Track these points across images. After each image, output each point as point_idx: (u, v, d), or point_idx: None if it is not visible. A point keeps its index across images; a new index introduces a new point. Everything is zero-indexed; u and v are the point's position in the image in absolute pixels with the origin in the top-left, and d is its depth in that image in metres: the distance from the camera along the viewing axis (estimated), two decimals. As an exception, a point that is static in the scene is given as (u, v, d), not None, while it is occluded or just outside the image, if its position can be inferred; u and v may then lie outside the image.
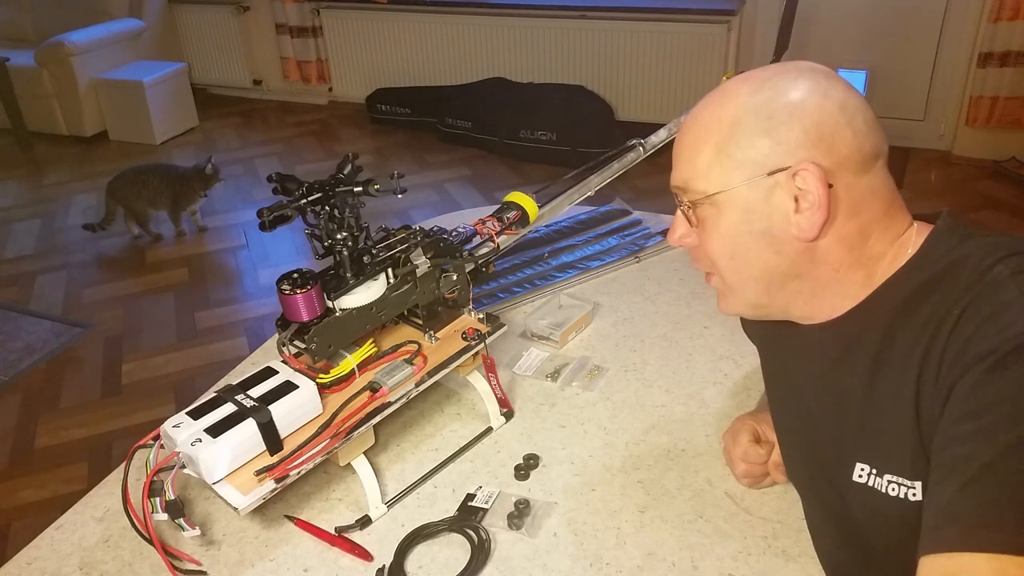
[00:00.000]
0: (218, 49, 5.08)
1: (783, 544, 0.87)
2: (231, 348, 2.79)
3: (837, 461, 0.73)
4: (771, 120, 0.67)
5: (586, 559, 0.86)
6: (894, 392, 0.66)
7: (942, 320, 0.63)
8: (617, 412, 1.08)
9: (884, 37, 3.64)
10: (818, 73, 0.69)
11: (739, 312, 0.79)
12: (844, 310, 0.72)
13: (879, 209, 0.69)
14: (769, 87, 0.69)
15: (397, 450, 1.04)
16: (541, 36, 4.24)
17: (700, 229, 0.74)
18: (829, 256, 0.70)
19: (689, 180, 0.73)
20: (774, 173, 0.68)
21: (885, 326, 0.68)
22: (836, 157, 0.67)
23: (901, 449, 0.66)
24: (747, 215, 0.70)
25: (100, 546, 0.92)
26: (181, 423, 0.87)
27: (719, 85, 0.75)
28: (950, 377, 0.60)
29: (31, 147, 4.55)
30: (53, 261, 3.43)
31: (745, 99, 0.69)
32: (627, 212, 1.61)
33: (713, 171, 0.70)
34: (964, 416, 0.58)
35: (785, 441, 0.87)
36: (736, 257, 0.72)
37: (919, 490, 0.66)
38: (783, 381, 0.84)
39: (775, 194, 0.68)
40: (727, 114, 0.70)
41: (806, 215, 0.67)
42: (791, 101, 0.67)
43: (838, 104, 0.67)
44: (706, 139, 0.71)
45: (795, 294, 0.73)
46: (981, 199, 3.42)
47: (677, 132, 0.77)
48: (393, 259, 0.99)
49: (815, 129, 0.67)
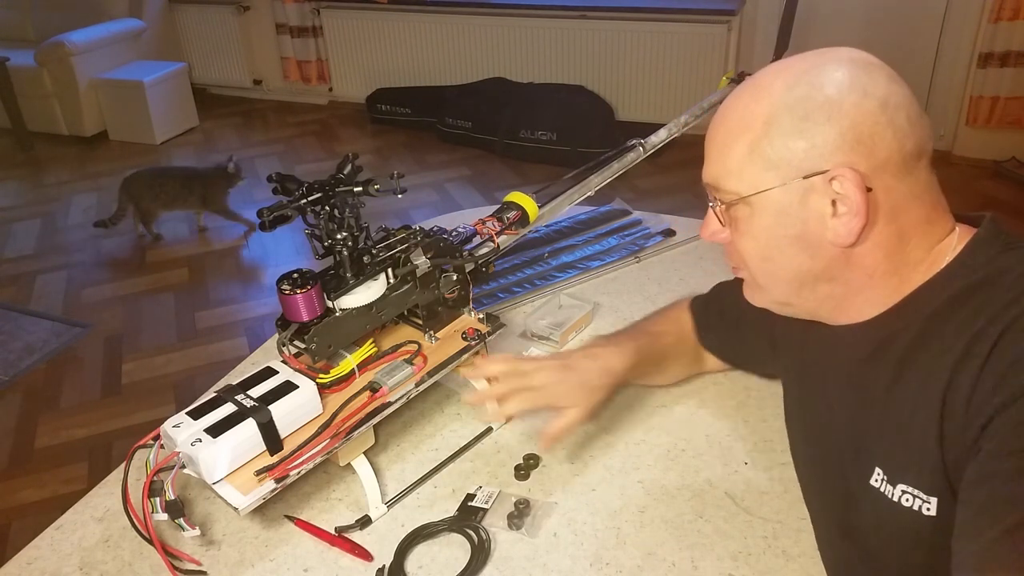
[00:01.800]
0: (218, 49, 5.08)
1: (783, 544, 0.87)
2: (231, 348, 2.79)
3: (854, 463, 0.72)
4: (807, 121, 0.64)
5: (586, 559, 0.86)
6: (915, 399, 0.65)
7: (977, 336, 0.60)
8: (617, 412, 1.08)
9: (884, 37, 3.64)
10: (858, 66, 0.65)
11: (766, 307, 0.77)
12: (872, 315, 0.70)
13: (921, 213, 0.67)
14: (806, 82, 0.65)
15: (397, 450, 1.04)
16: (541, 36, 4.25)
17: (732, 228, 0.72)
18: (865, 261, 0.67)
19: (720, 178, 0.70)
20: (810, 177, 0.65)
21: (916, 331, 0.66)
22: (875, 159, 0.63)
23: (919, 461, 0.64)
24: (781, 218, 0.67)
25: (100, 546, 0.92)
26: (181, 423, 0.87)
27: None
28: (990, 405, 0.58)
29: (31, 147, 4.55)
30: (53, 261, 3.43)
31: (780, 95, 0.66)
32: (627, 212, 1.61)
33: (746, 171, 0.68)
34: (1011, 452, 0.55)
35: (800, 442, 0.86)
36: (768, 259, 0.71)
37: (935, 506, 0.64)
38: (807, 378, 0.82)
39: (811, 198, 0.65)
40: (761, 111, 0.66)
41: (843, 220, 0.65)
42: (829, 99, 0.64)
43: (879, 102, 0.64)
44: (738, 136, 0.68)
45: (826, 297, 0.71)
46: (981, 199, 3.42)
47: (710, 123, 0.73)
48: (393, 259, 0.99)
49: (853, 130, 0.63)
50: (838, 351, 0.75)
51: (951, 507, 0.60)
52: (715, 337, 1.05)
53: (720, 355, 1.07)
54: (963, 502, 0.58)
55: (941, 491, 0.64)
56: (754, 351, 1.00)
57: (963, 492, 0.59)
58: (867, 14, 3.66)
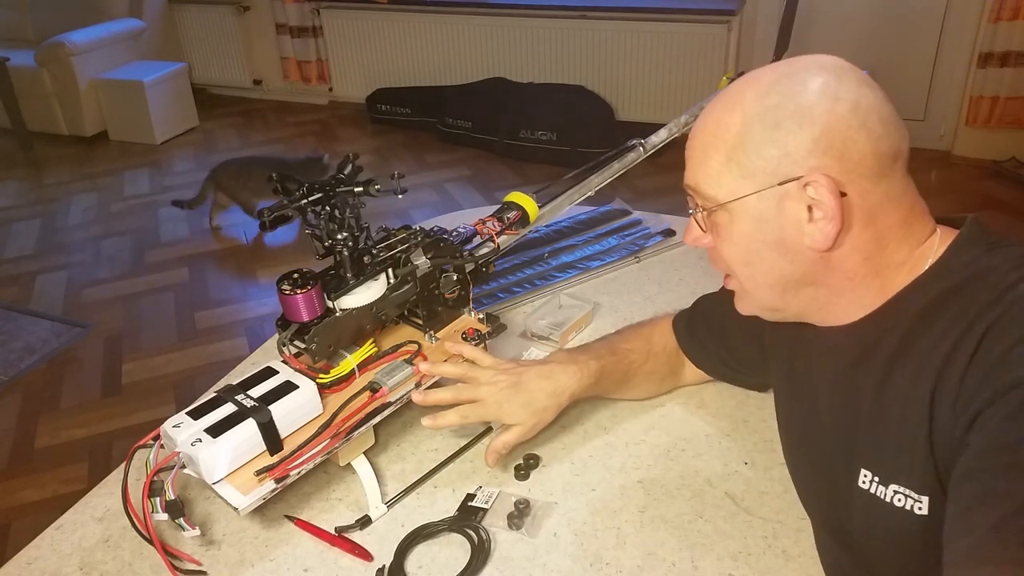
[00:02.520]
0: (218, 49, 5.08)
1: (783, 544, 0.87)
2: (231, 348, 2.79)
3: (844, 466, 0.72)
4: (778, 129, 0.65)
5: (586, 559, 0.86)
6: (904, 400, 0.65)
7: (963, 334, 0.61)
8: (617, 412, 1.08)
9: (884, 37, 3.64)
10: (828, 72, 0.66)
11: (755, 314, 0.79)
12: (859, 316, 0.71)
13: (898, 216, 0.67)
14: (776, 92, 0.66)
15: (397, 450, 1.04)
16: (541, 36, 4.24)
17: (714, 234, 0.73)
18: (844, 265, 0.68)
19: (700, 184, 0.72)
20: (785, 183, 0.66)
21: (902, 332, 0.66)
22: (848, 163, 0.64)
23: (910, 460, 0.65)
24: (759, 224, 0.68)
25: (100, 546, 0.92)
26: (181, 423, 0.87)
27: (721, 86, 0.74)
28: (977, 401, 0.58)
29: (31, 147, 4.55)
30: (53, 261, 3.44)
31: (752, 105, 0.67)
32: (627, 212, 1.61)
33: (723, 178, 0.69)
34: (1000, 448, 0.56)
35: (793, 448, 0.86)
36: (750, 264, 0.72)
37: (926, 505, 0.65)
38: (797, 385, 0.83)
39: (786, 204, 0.67)
40: (734, 121, 0.68)
41: (819, 226, 0.66)
42: (799, 107, 0.65)
43: (849, 106, 0.64)
44: (715, 145, 0.69)
45: (810, 300, 0.72)
46: (981, 199, 3.42)
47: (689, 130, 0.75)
48: (393, 259, 0.99)
49: (825, 136, 0.64)
50: (827, 356, 0.76)
51: (942, 505, 0.61)
52: (702, 351, 1.04)
53: (709, 368, 1.06)
54: (952, 498, 0.59)
55: (932, 490, 0.64)
56: (743, 360, 1.00)
57: (952, 489, 0.59)
58: (867, 14, 3.66)
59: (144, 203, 3.91)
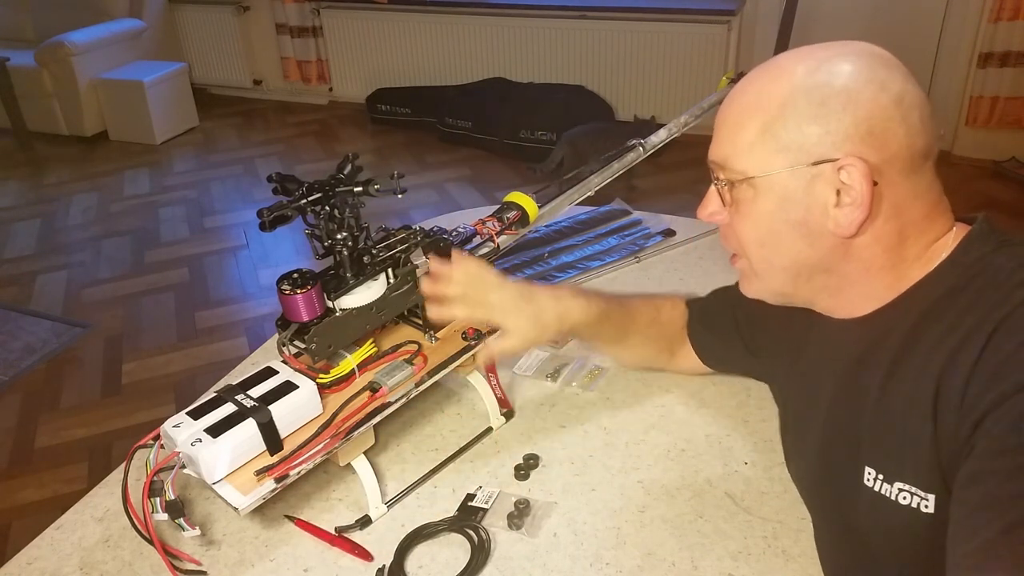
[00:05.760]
0: (218, 49, 5.08)
1: (783, 544, 0.87)
2: (231, 348, 2.79)
3: (848, 464, 0.72)
4: (823, 107, 0.64)
5: (586, 559, 0.86)
6: (909, 397, 0.65)
7: (969, 333, 0.61)
8: (617, 412, 1.08)
9: (884, 37, 3.61)
10: (878, 61, 0.66)
11: (762, 297, 0.77)
12: (868, 310, 0.71)
13: (921, 212, 0.67)
14: (826, 70, 0.65)
15: (397, 450, 1.04)
16: (541, 36, 4.24)
17: (733, 210, 0.72)
18: (863, 254, 0.68)
19: (728, 157, 0.70)
20: (819, 163, 0.65)
21: (909, 328, 0.66)
22: (885, 154, 0.64)
23: (915, 458, 0.65)
24: (784, 203, 0.67)
25: (100, 546, 0.92)
26: (181, 423, 0.87)
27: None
28: (983, 402, 0.58)
29: (31, 147, 4.55)
30: (53, 261, 3.43)
31: (800, 79, 0.66)
32: (627, 212, 1.61)
33: (756, 151, 0.67)
34: (1009, 450, 0.55)
35: (797, 446, 0.86)
36: (766, 245, 0.71)
37: (932, 503, 0.64)
38: (803, 379, 0.82)
39: (817, 185, 0.66)
40: (779, 91, 0.66)
41: (846, 211, 0.65)
42: (847, 88, 0.64)
43: (894, 98, 0.64)
44: (752, 115, 0.68)
45: (821, 288, 0.72)
46: (981, 199, 3.41)
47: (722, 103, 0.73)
48: (393, 259, 0.99)
49: (867, 122, 0.64)
50: (833, 353, 0.75)
51: (948, 504, 0.60)
52: (707, 335, 1.04)
53: (707, 356, 1.05)
54: (957, 501, 0.58)
55: (938, 488, 0.64)
56: (752, 348, 0.99)
57: (957, 491, 0.59)
58: (867, 14, 3.66)
59: (144, 203, 3.91)
